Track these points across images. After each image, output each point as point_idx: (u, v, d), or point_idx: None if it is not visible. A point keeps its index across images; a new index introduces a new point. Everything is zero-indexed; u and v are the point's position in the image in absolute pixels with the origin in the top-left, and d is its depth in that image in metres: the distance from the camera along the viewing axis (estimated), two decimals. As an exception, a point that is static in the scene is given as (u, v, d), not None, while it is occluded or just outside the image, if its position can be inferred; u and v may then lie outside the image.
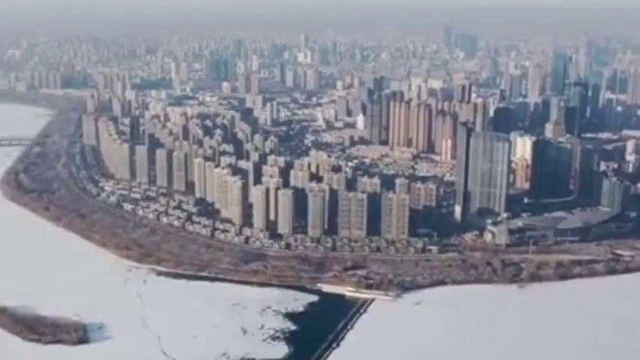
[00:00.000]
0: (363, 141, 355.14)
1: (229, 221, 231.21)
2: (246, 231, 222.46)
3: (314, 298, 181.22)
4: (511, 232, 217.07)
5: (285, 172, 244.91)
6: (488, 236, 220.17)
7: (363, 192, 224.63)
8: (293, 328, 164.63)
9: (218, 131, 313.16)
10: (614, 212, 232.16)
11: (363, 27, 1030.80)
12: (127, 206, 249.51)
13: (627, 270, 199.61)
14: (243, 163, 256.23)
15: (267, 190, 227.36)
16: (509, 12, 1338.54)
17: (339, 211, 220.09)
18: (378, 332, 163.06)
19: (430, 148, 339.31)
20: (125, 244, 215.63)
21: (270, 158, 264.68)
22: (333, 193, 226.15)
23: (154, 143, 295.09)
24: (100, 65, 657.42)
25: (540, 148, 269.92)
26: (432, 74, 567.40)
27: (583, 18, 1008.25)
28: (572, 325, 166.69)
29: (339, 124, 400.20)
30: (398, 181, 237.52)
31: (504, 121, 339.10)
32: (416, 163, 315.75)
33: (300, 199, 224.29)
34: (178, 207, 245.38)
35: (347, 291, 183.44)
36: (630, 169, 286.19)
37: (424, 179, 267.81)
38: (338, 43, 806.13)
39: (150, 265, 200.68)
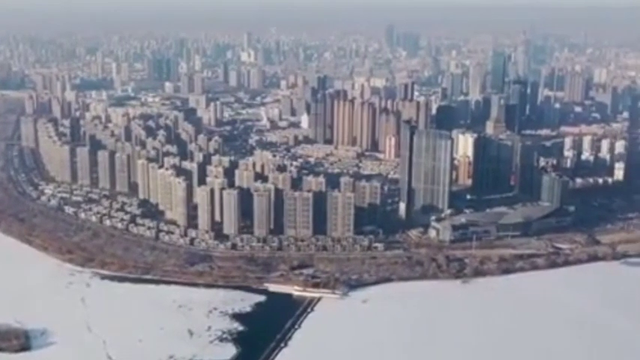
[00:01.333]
0: (307, 140, 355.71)
1: (174, 223, 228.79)
2: (192, 232, 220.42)
3: (261, 298, 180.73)
4: (454, 228, 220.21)
5: (229, 173, 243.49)
6: (432, 233, 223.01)
7: (308, 191, 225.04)
8: (240, 328, 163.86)
9: (161, 132, 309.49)
10: (553, 207, 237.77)
11: (306, 26, 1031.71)
12: (69, 209, 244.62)
13: (567, 263, 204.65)
14: (187, 164, 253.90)
15: (212, 191, 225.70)
16: (450, 11, 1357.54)
17: (285, 210, 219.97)
18: (326, 331, 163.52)
19: (374, 146, 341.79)
20: (67, 247, 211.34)
21: (215, 158, 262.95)
22: (279, 192, 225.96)
23: (96, 145, 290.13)
24: (38, 66, 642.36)
25: (482, 145, 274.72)
26: (375, 73, 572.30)
27: (521, 17, 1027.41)
28: (515, 318, 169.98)
29: (284, 124, 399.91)
30: (343, 179, 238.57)
31: (446, 119, 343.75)
32: (360, 162, 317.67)
33: (245, 199, 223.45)
34: (121, 209, 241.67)
35: (294, 290, 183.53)
36: (568, 164, 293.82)
37: (369, 177, 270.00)
38: (281, 42, 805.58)
39: (93, 268, 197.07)
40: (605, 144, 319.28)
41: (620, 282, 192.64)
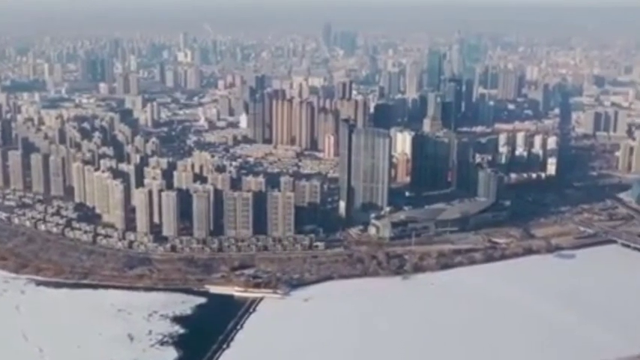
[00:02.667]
0: (246, 140, 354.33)
1: (111, 226, 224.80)
2: (130, 235, 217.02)
3: (202, 300, 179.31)
4: (394, 225, 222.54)
5: (168, 174, 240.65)
6: (372, 230, 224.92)
7: (248, 191, 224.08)
8: (181, 331, 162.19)
9: (97, 134, 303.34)
10: (489, 202, 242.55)
11: (243, 26, 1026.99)
12: (1, 214, 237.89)
13: (503, 257, 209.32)
14: (124, 166, 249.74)
15: (150, 193, 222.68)
16: (386, 10, 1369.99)
17: (225, 211, 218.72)
18: (268, 331, 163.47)
19: (313, 145, 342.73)
20: (0, 254, 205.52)
21: (152, 160, 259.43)
22: (218, 193, 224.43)
23: (28, 148, 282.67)
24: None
25: (419, 142, 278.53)
26: (313, 72, 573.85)
27: (455, 16, 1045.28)
28: (455, 312, 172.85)
29: (222, 124, 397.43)
30: (282, 179, 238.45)
31: (384, 117, 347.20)
32: (300, 161, 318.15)
33: (184, 200, 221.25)
34: (57, 213, 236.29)
35: (235, 291, 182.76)
36: (503, 160, 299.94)
37: (308, 176, 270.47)
38: (218, 42, 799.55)
39: (28, 275, 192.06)
40: (537, 140, 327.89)
41: (554, 274, 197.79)
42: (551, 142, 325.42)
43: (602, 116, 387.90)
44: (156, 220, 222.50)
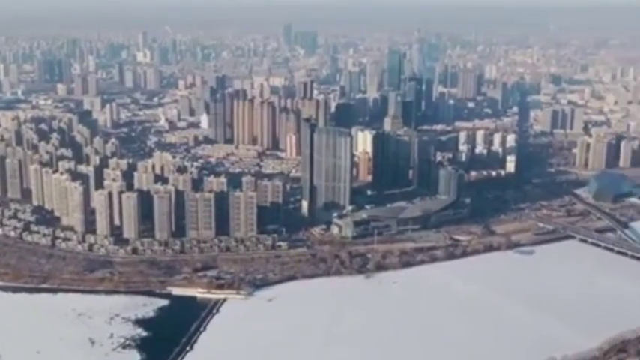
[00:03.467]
0: (207, 140, 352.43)
1: (71, 229, 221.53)
2: (90, 238, 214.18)
3: (164, 302, 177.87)
4: (356, 224, 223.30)
5: (128, 175, 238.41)
6: (335, 229, 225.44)
7: (209, 192, 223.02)
8: (144, 334, 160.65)
9: (55, 135, 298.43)
10: (450, 200, 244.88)
11: (203, 25, 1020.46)
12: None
13: (464, 254, 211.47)
14: (83, 168, 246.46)
15: (110, 195, 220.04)
16: (346, 10, 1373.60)
17: (187, 212, 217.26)
18: (231, 332, 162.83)
19: (275, 145, 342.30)
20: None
21: (112, 161, 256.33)
22: (180, 194, 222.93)
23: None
24: None
25: (380, 141, 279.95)
26: (274, 72, 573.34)
27: (415, 16, 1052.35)
28: (417, 309, 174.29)
29: (183, 124, 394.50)
30: (244, 179, 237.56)
31: (345, 117, 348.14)
32: (261, 161, 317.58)
33: (145, 201, 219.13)
34: (14, 216, 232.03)
35: (198, 292, 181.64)
36: (463, 158, 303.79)
37: (270, 176, 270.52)
38: (178, 41, 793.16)
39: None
40: (497, 138, 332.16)
41: (514, 270, 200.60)
42: (510, 140, 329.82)
43: (560, 114, 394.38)
44: (116, 222, 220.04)
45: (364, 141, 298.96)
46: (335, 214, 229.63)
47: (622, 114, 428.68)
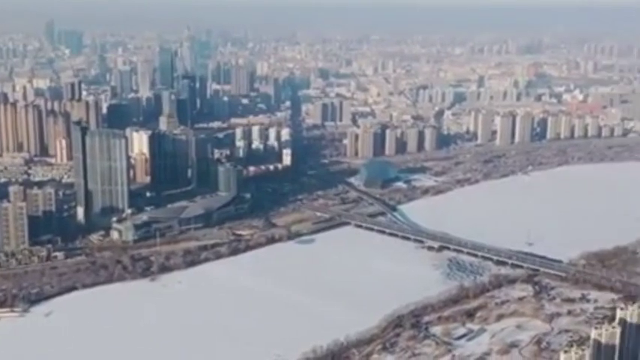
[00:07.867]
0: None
1: None
2: None
3: None
4: (137, 227, 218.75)
5: None
6: (114, 234, 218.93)
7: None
8: None
9: None
10: (231, 196, 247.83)
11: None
12: None
13: (248, 248, 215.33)
14: None
15: None
16: (110, 7, 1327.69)
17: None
18: (7, 353, 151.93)
19: (44, 150, 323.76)
20: None
21: None
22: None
23: None
24: None
25: (157, 141, 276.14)
26: (37, 73, 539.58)
27: (185, 14, 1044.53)
28: (201, 307, 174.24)
29: None
30: (12, 188, 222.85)
31: (118, 118, 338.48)
32: (30, 168, 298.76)
33: None
34: None
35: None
36: (241, 154, 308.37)
37: (41, 184, 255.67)
38: None
39: None
40: (272, 132, 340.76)
41: (296, 259, 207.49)
42: (285, 133, 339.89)
43: (329, 107, 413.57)
44: None
45: (140, 141, 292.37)
46: (114, 219, 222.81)
47: (385, 105, 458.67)
